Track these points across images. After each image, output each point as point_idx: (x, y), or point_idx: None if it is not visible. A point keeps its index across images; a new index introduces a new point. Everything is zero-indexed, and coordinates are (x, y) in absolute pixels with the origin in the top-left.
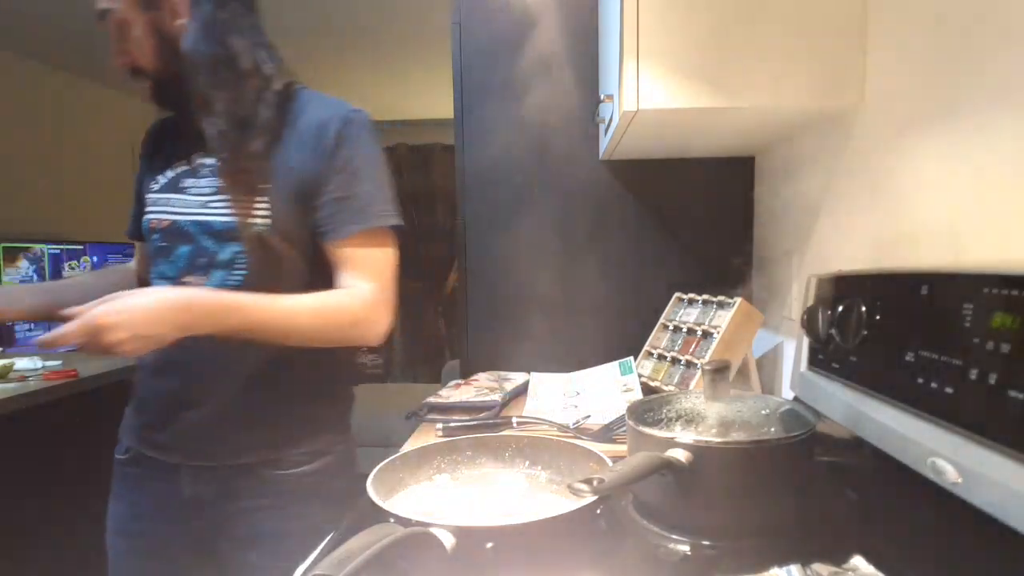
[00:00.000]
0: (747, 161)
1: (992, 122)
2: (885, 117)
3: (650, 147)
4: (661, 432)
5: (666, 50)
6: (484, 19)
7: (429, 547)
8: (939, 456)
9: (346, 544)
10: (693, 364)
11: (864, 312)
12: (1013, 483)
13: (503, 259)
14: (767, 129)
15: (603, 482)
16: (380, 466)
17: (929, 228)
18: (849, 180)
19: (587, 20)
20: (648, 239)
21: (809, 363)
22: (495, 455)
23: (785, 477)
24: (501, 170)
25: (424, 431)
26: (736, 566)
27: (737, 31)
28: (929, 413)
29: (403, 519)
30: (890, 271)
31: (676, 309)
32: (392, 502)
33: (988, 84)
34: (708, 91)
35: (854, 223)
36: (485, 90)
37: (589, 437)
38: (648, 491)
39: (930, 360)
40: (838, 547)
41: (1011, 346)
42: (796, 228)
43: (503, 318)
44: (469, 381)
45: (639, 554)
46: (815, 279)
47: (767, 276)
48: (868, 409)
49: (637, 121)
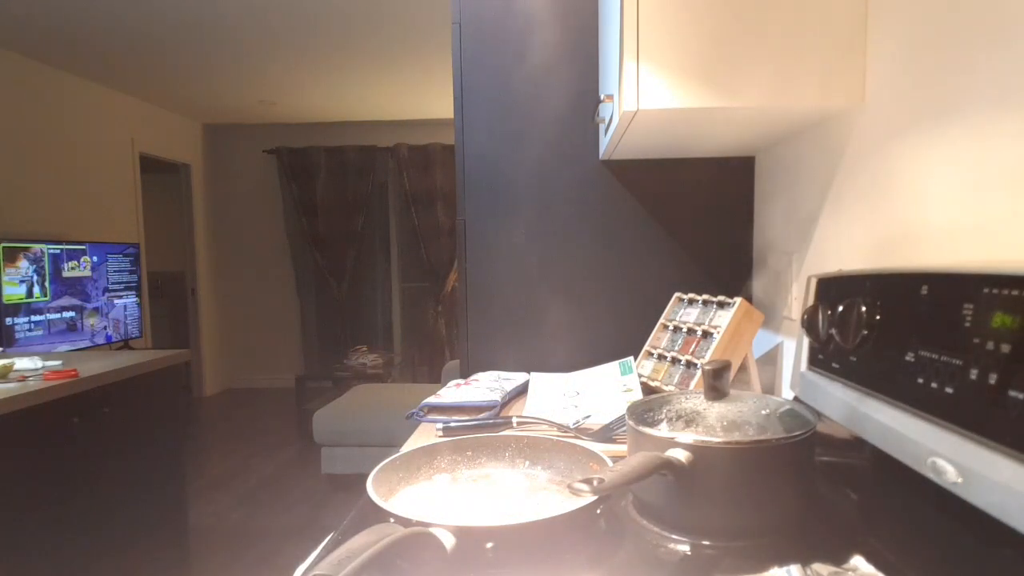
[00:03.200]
0: (747, 161)
1: (992, 122)
2: (885, 117)
3: (650, 147)
4: (661, 432)
5: (666, 50)
6: (484, 19)
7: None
8: (939, 456)
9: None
10: (693, 364)
11: (864, 312)
12: (1013, 483)
13: (503, 259)
14: (767, 129)
15: (603, 482)
16: (380, 466)
17: (929, 228)
18: (849, 180)
19: (587, 20)
20: (648, 239)
21: (809, 363)
22: (495, 455)
23: (785, 477)
24: (501, 170)
25: (424, 431)
26: (736, 566)
27: (737, 31)
28: (929, 413)
29: (403, 519)
30: (890, 271)
31: (676, 309)
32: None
33: (988, 84)
34: (708, 91)
35: (854, 223)
36: (485, 90)
37: (589, 437)
38: (648, 491)
39: (930, 360)
40: (838, 547)
41: (1011, 346)
42: (796, 228)
43: (503, 318)
44: (469, 381)
45: (639, 554)
46: (815, 279)
47: (767, 276)
48: (868, 409)
49: (637, 121)
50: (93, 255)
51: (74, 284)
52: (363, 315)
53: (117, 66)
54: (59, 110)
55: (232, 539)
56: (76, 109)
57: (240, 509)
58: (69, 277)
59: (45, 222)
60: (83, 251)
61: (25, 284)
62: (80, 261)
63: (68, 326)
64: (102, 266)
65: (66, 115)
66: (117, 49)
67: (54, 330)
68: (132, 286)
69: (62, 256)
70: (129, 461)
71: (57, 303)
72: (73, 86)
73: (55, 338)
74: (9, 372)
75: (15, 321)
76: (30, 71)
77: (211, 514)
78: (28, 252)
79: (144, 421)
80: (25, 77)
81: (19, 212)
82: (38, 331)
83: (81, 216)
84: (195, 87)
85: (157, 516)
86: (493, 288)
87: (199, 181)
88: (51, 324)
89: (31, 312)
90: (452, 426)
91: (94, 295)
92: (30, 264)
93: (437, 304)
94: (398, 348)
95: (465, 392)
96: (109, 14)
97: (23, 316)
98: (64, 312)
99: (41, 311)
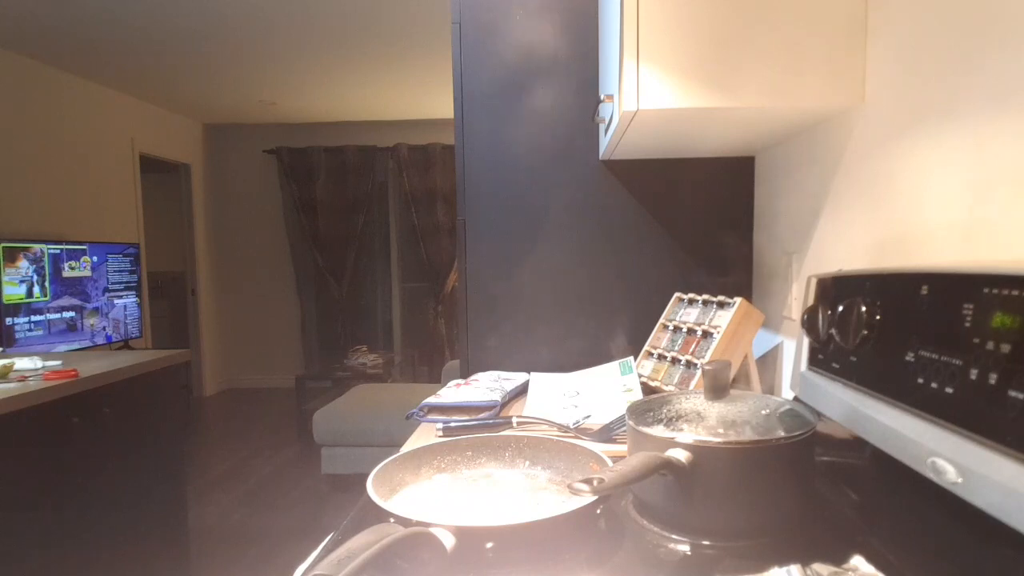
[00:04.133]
0: (747, 161)
1: (992, 122)
2: (885, 117)
3: (650, 147)
4: (661, 432)
5: (666, 50)
6: (484, 19)
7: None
8: (939, 456)
9: (346, 544)
10: (693, 364)
11: (864, 312)
12: (1013, 483)
13: (503, 259)
14: (767, 129)
15: (603, 482)
16: (380, 466)
17: (929, 228)
18: (849, 180)
19: (587, 20)
20: (648, 239)
21: (809, 363)
22: (495, 455)
23: (785, 477)
24: (501, 170)
25: (424, 431)
26: (736, 566)
27: (737, 31)
28: (929, 413)
29: (403, 519)
30: (890, 271)
31: (676, 309)
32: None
33: (988, 84)
34: (708, 91)
35: (854, 223)
36: (485, 90)
37: (589, 437)
38: (648, 491)
39: (930, 360)
40: (838, 547)
41: (1011, 346)
42: (796, 228)
43: (503, 318)
44: (469, 381)
45: (639, 554)
46: (815, 279)
47: (767, 276)
48: (868, 409)
49: (637, 121)
50: (93, 255)
51: (74, 284)
52: (363, 315)
53: (117, 66)
54: (59, 110)
55: (232, 539)
56: (76, 109)
57: (240, 509)
58: (69, 277)
59: (45, 222)
60: (83, 251)
61: (25, 284)
62: (80, 261)
63: (68, 326)
64: (102, 266)
65: (66, 115)
66: (117, 49)
67: (54, 330)
68: (132, 286)
69: (62, 256)
70: (129, 461)
71: (57, 303)
72: (73, 86)
73: (55, 338)
74: (9, 372)
75: (15, 321)
76: (30, 71)
77: (211, 514)
78: (28, 252)
79: (144, 421)
80: (25, 77)
81: (19, 212)
82: (38, 331)
83: (81, 216)
84: (195, 87)
85: (157, 516)
86: (493, 288)
87: (199, 181)
88: (51, 324)
89: (31, 312)
90: (452, 426)
91: (94, 295)
92: (30, 264)
93: (437, 304)
94: (398, 348)
95: (465, 392)
96: (109, 14)
97: (23, 316)
98: (64, 312)
99: (41, 311)
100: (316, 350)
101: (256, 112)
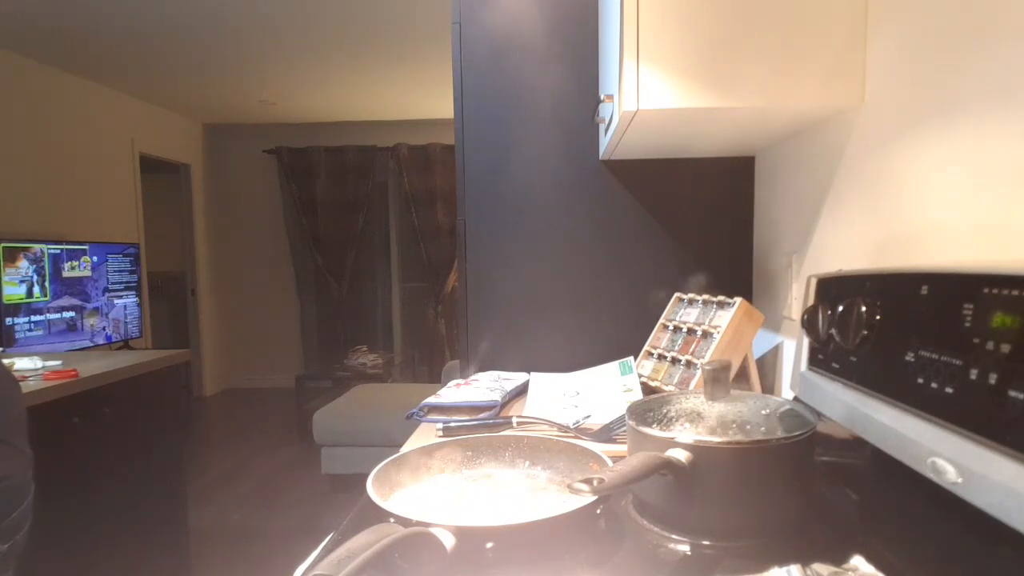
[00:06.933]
0: (747, 161)
1: (992, 122)
2: (885, 117)
3: (650, 147)
4: (661, 432)
5: (666, 50)
6: (484, 19)
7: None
8: (939, 456)
9: (346, 544)
10: (693, 364)
11: (864, 312)
12: (1013, 483)
13: (503, 259)
14: (767, 129)
15: (603, 482)
16: (380, 466)
17: (929, 228)
18: (849, 180)
19: (587, 20)
20: (648, 239)
21: (809, 363)
22: (495, 455)
23: (785, 477)
24: (501, 170)
25: (424, 431)
26: (736, 566)
27: (737, 31)
28: (929, 413)
29: (403, 519)
30: (890, 271)
31: (676, 309)
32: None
33: (988, 84)
34: (708, 91)
35: (854, 223)
36: (485, 90)
37: (589, 437)
38: (648, 491)
39: (930, 360)
40: (838, 547)
41: (1011, 346)
42: (796, 228)
43: (503, 318)
44: (469, 381)
45: (639, 554)
46: (815, 279)
47: (767, 276)
48: (868, 409)
49: (637, 121)
50: (93, 255)
51: (74, 284)
52: (363, 315)
53: (117, 66)
54: (59, 110)
55: (232, 539)
56: (76, 109)
57: (240, 509)
58: (69, 277)
59: (45, 222)
60: (83, 251)
61: (25, 284)
62: (80, 261)
63: (68, 326)
64: (102, 266)
65: (66, 115)
66: (117, 49)
67: (54, 330)
68: (132, 286)
69: (62, 256)
70: (129, 461)
71: (57, 303)
72: (73, 86)
73: (55, 338)
74: None
75: (15, 321)
76: (30, 71)
77: (211, 514)
78: (28, 252)
79: (144, 421)
80: (25, 77)
81: (19, 212)
82: (38, 331)
83: (81, 216)
84: (195, 87)
85: (157, 516)
86: (493, 288)
87: (199, 181)
88: (51, 324)
89: (31, 312)
90: (452, 426)
91: (94, 295)
92: (30, 264)
93: (437, 304)
94: (398, 348)
95: (465, 392)
96: (109, 14)
97: (23, 316)
98: (64, 312)
99: (41, 311)
100: (316, 350)
101: (256, 112)
